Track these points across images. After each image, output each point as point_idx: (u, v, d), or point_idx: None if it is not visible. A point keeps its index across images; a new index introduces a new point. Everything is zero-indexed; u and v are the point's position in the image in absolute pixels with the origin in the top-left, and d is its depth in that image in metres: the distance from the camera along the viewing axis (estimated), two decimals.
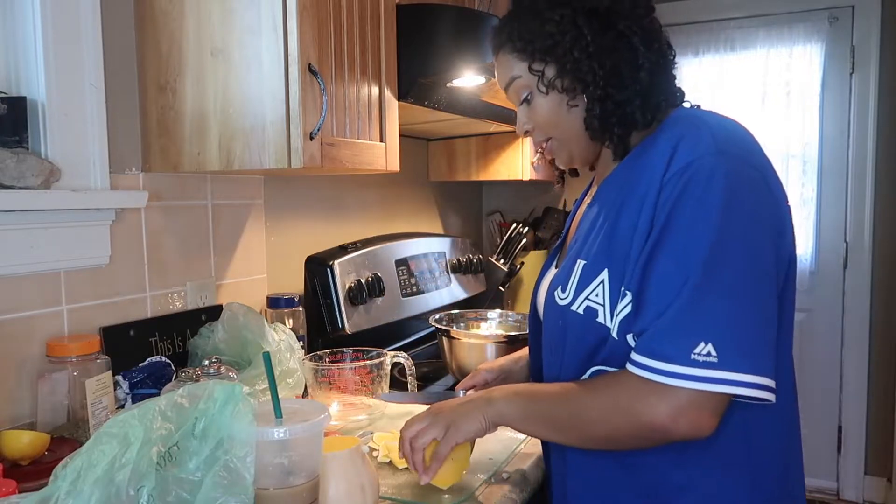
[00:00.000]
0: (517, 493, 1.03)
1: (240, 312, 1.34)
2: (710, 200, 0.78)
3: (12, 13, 1.14)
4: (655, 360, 0.78)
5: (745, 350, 0.77)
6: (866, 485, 3.01)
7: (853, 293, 2.98)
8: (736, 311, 0.77)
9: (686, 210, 0.79)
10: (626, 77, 0.89)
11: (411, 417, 0.99)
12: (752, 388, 0.76)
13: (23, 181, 1.07)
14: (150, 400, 0.74)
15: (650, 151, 0.87)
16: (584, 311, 0.89)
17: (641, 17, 0.91)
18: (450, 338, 1.58)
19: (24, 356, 1.13)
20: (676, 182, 0.80)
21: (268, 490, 0.77)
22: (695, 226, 0.78)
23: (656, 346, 0.78)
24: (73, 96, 1.18)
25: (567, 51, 0.90)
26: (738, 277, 0.78)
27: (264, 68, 1.16)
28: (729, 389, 0.76)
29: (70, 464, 0.68)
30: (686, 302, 0.77)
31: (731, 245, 0.78)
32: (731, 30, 3.04)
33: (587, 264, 0.90)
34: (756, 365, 0.77)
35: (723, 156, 0.80)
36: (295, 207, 1.75)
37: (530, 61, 0.94)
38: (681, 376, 0.76)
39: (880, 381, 2.94)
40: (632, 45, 0.90)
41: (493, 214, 2.95)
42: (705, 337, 0.76)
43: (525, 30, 0.93)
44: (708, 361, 0.76)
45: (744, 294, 0.78)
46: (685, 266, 0.78)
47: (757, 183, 0.82)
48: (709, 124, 0.85)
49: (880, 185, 2.90)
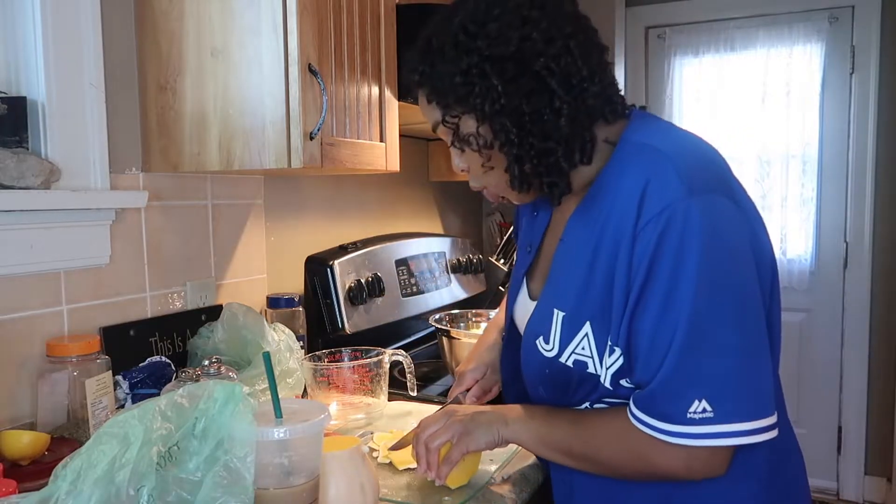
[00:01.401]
0: (517, 493, 1.03)
1: (240, 312, 1.34)
2: (688, 250, 0.76)
3: (12, 13, 1.14)
4: (655, 419, 0.79)
5: (740, 399, 0.77)
6: (866, 485, 3.01)
7: (853, 293, 2.98)
8: (725, 364, 0.77)
9: (664, 263, 0.77)
10: (546, 125, 0.83)
11: (426, 417, 1.00)
12: (752, 434, 0.77)
13: (23, 181, 1.07)
14: (150, 400, 0.74)
15: (615, 192, 0.83)
16: (573, 364, 0.88)
17: (558, 54, 0.82)
18: (450, 338, 1.58)
19: (24, 356, 1.13)
20: (651, 233, 0.77)
21: (268, 490, 0.77)
22: (675, 280, 0.76)
23: (653, 405, 0.79)
24: (73, 96, 1.18)
25: (478, 105, 0.83)
26: (724, 328, 0.77)
27: (264, 68, 1.16)
28: (728, 441, 0.77)
29: (70, 464, 0.68)
30: (675, 362, 0.77)
31: (714, 294, 0.76)
32: (731, 30, 3.04)
33: (566, 316, 0.88)
34: (752, 410, 0.77)
35: (693, 195, 0.77)
36: (295, 207, 1.75)
37: (444, 112, 0.88)
38: (681, 435, 0.77)
39: (880, 381, 2.94)
40: (549, 88, 0.82)
41: (493, 214, 2.95)
42: (698, 394, 0.76)
43: (436, 77, 0.86)
44: (704, 418, 0.76)
45: (732, 343, 0.77)
46: (670, 324, 0.77)
47: (728, 212, 0.79)
48: (667, 156, 0.80)
49: (880, 185, 2.90)
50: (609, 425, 0.86)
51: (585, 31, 0.86)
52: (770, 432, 0.78)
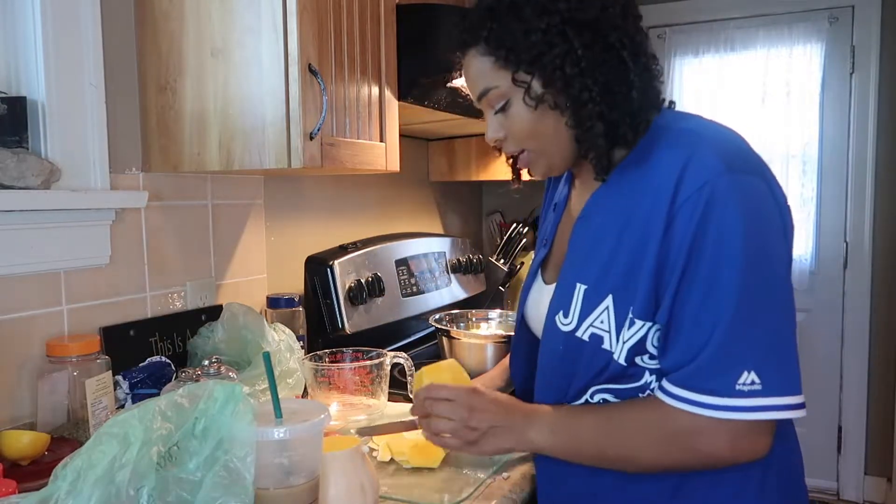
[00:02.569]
0: (517, 493, 1.03)
1: (240, 312, 1.34)
2: (732, 226, 0.77)
3: (12, 13, 1.14)
4: (702, 394, 0.78)
5: (785, 372, 0.78)
6: (866, 485, 3.01)
7: (853, 293, 2.98)
8: (772, 336, 0.78)
9: (709, 238, 0.78)
10: (618, 95, 0.85)
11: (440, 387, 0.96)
12: (793, 409, 0.78)
13: (23, 181, 1.07)
14: (150, 400, 0.74)
15: (650, 172, 0.84)
16: (589, 337, 0.87)
17: (631, 29, 0.86)
18: (450, 338, 1.58)
19: (24, 356, 1.13)
20: (693, 208, 0.78)
21: (268, 490, 0.77)
22: (721, 255, 0.77)
23: (700, 381, 0.79)
24: (73, 96, 1.18)
25: (557, 65, 0.84)
26: (769, 301, 0.78)
27: (264, 68, 1.16)
28: (775, 415, 0.78)
29: (70, 464, 0.68)
30: (723, 336, 0.77)
31: (759, 268, 0.78)
32: (731, 30, 3.04)
33: (588, 289, 0.87)
34: (795, 385, 0.79)
35: (733, 173, 0.78)
36: (295, 207, 1.75)
37: (514, 71, 0.86)
38: (731, 409, 0.77)
39: (880, 381, 2.94)
40: (622, 59, 0.84)
41: (493, 214, 2.95)
42: (747, 366, 0.77)
43: (507, 35, 0.85)
44: (753, 390, 0.77)
45: (777, 316, 0.79)
46: (719, 298, 0.77)
47: (765, 194, 0.81)
48: (706, 139, 0.83)
49: (880, 185, 2.90)
50: (641, 416, 0.85)
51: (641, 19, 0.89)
52: (803, 410, 0.79)
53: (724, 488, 0.86)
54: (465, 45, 0.91)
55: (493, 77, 0.88)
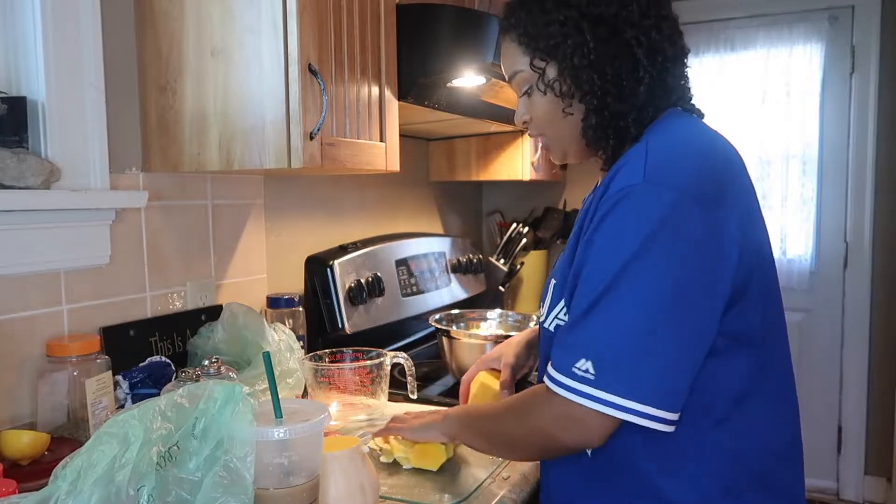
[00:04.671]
0: (517, 493, 1.03)
1: (240, 312, 1.34)
2: (626, 225, 0.80)
3: (12, 13, 1.14)
4: (552, 368, 0.84)
5: (628, 376, 0.78)
6: (866, 485, 3.01)
7: (853, 293, 2.98)
8: (625, 339, 0.78)
9: (605, 233, 0.82)
10: (625, 90, 0.89)
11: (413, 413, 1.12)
12: (631, 413, 0.78)
13: (23, 181, 1.07)
14: (150, 400, 0.74)
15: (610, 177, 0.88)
16: (554, 328, 0.92)
17: (649, 29, 0.89)
18: (450, 338, 1.58)
19: (24, 356, 1.13)
20: (606, 207, 0.82)
21: (268, 490, 0.77)
22: (608, 248, 0.81)
23: (553, 353, 0.84)
24: (73, 96, 1.18)
25: (568, 55, 0.89)
26: (637, 302, 0.78)
27: (264, 68, 1.16)
28: (602, 409, 0.78)
29: (70, 464, 0.68)
30: (581, 317, 0.81)
31: (636, 271, 0.78)
32: (731, 30, 3.04)
33: (556, 284, 0.94)
34: (635, 391, 0.78)
35: (648, 185, 0.80)
36: (295, 207, 1.75)
37: (532, 57, 0.93)
38: (561, 385, 0.81)
39: (880, 381, 2.94)
40: (634, 57, 0.88)
41: (493, 214, 2.95)
42: (587, 354, 0.80)
43: (531, 23, 0.92)
44: (585, 378, 0.79)
45: (642, 320, 0.78)
46: (590, 285, 0.82)
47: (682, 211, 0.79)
48: (648, 150, 0.85)
49: (880, 185, 2.90)
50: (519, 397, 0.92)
51: (675, 22, 0.94)
52: (656, 423, 0.78)
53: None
54: (503, 30, 0.98)
55: (519, 62, 0.96)
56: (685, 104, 0.96)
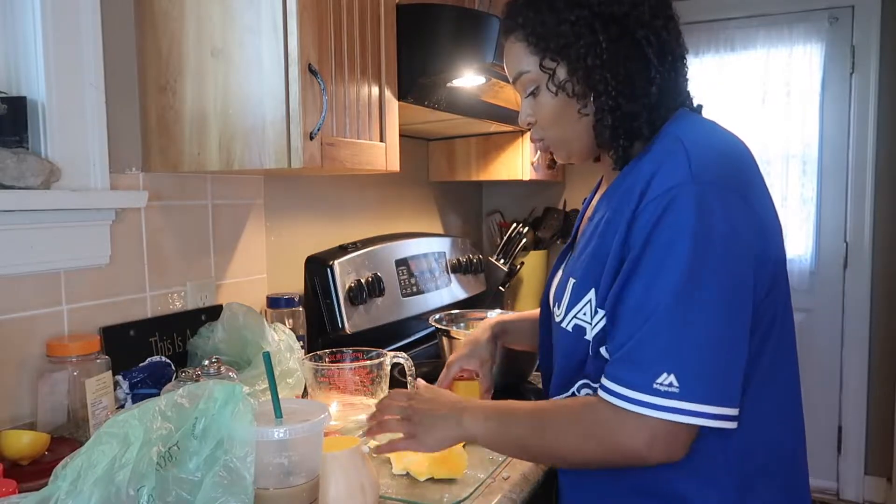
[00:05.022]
0: (517, 493, 1.03)
1: (240, 312, 1.34)
2: (684, 230, 0.79)
3: (12, 13, 1.14)
4: (622, 386, 0.80)
5: (708, 382, 0.78)
6: (866, 485, 3.01)
7: (853, 293, 2.98)
8: (701, 345, 0.78)
9: (660, 238, 0.80)
10: (637, 89, 0.88)
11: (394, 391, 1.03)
12: (713, 418, 0.78)
13: (23, 181, 1.07)
14: (150, 400, 0.74)
15: (636, 171, 0.87)
16: (572, 328, 0.91)
17: (659, 28, 0.89)
18: (450, 338, 1.58)
19: (24, 356, 1.13)
20: (652, 211, 0.81)
21: (268, 490, 0.77)
22: (668, 255, 0.79)
23: (623, 372, 0.80)
24: (73, 96, 1.18)
25: (581, 56, 0.88)
26: (706, 308, 0.78)
27: (264, 68, 1.16)
28: (691, 420, 0.77)
29: (70, 464, 0.68)
30: (652, 330, 0.79)
31: (703, 275, 0.78)
32: (731, 30, 3.04)
33: (576, 283, 0.92)
34: (717, 396, 0.78)
35: (697, 184, 0.80)
36: (295, 207, 1.75)
37: (542, 57, 0.92)
38: (645, 404, 0.78)
39: (880, 381, 2.94)
40: (645, 56, 0.88)
41: (493, 214, 2.95)
42: (668, 367, 0.78)
43: (539, 23, 0.91)
44: (670, 392, 0.77)
45: (712, 328, 0.78)
46: (655, 294, 0.79)
47: (732, 208, 0.81)
48: (686, 148, 0.84)
49: (880, 185, 2.90)
50: (569, 406, 0.88)
51: (678, 22, 0.94)
52: (728, 422, 0.79)
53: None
54: (506, 30, 0.96)
55: (525, 62, 0.94)
56: (691, 105, 0.97)
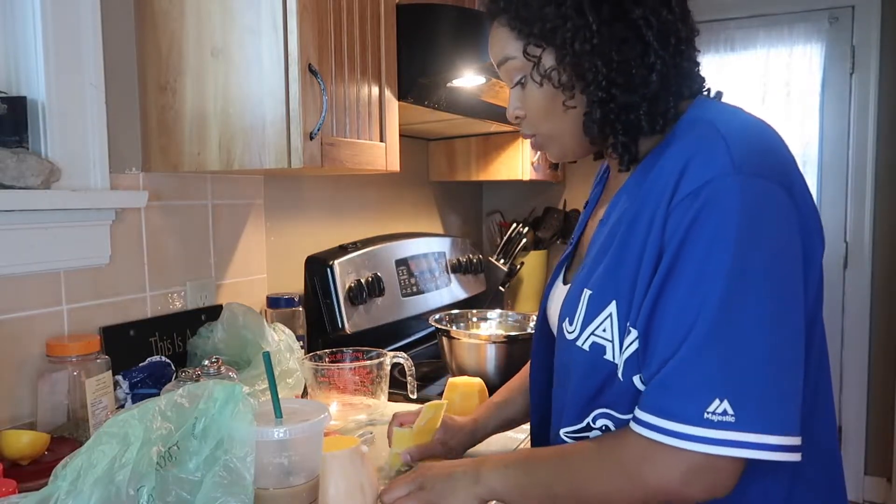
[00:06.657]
0: None
1: (239, 312, 1.34)
2: (727, 231, 0.68)
3: (12, 13, 1.14)
4: (663, 418, 0.68)
5: (766, 407, 0.67)
6: (866, 485, 3.01)
7: (853, 293, 2.98)
8: (755, 362, 0.67)
9: (699, 242, 0.69)
10: (634, 78, 0.78)
11: (398, 478, 0.88)
12: (774, 450, 0.66)
13: (23, 181, 1.07)
14: (150, 400, 0.74)
15: (658, 166, 0.77)
16: (589, 347, 0.79)
17: (659, 8, 0.78)
18: (450, 338, 1.58)
19: (24, 356, 1.13)
20: (688, 208, 0.70)
21: (268, 490, 0.77)
22: (709, 261, 0.68)
23: (664, 401, 0.69)
24: (73, 96, 1.18)
25: (567, 41, 0.78)
26: (757, 321, 0.67)
27: (264, 68, 1.16)
28: (748, 454, 0.66)
29: (70, 464, 0.68)
30: (697, 350, 0.68)
31: (751, 283, 0.68)
32: (731, 30, 3.04)
33: (593, 295, 0.80)
34: (779, 424, 0.67)
35: (740, 175, 0.69)
36: (295, 207, 1.75)
37: (526, 43, 0.82)
38: (693, 438, 0.67)
39: (880, 381, 2.94)
40: (643, 40, 0.77)
41: (493, 214, 2.95)
42: (720, 393, 0.66)
43: (523, 4, 0.81)
44: (724, 421, 0.66)
45: (765, 340, 0.68)
46: (697, 307, 0.68)
47: (780, 203, 0.71)
48: (724, 135, 0.73)
49: (880, 185, 2.90)
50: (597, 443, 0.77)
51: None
52: (793, 454, 0.67)
53: None
54: (491, 13, 0.87)
55: (509, 47, 0.84)
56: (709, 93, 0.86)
